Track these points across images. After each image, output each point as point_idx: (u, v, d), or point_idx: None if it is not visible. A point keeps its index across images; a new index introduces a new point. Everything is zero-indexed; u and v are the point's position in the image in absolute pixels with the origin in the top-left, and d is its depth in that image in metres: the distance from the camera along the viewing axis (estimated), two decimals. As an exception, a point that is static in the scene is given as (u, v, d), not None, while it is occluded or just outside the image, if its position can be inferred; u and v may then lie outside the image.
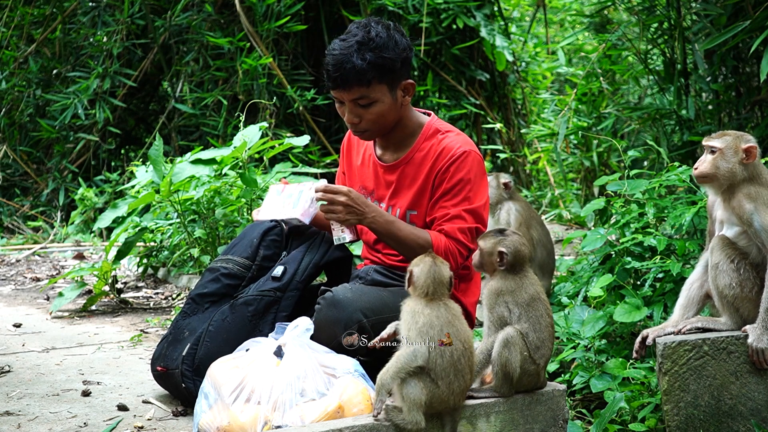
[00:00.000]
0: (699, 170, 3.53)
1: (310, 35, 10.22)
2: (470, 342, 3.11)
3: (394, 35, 3.85)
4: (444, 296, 3.13)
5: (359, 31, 3.82)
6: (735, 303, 3.47)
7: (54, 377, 4.36)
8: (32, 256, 8.55)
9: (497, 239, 3.32)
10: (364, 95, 3.81)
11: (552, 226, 7.97)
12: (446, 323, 3.06)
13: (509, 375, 3.22)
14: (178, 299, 6.31)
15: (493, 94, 10.96)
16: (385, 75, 3.82)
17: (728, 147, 3.49)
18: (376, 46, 3.79)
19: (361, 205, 3.80)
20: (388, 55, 3.81)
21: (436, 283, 3.13)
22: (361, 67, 3.76)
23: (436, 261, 3.17)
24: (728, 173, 3.48)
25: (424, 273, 3.13)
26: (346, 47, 3.78)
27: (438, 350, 3.02)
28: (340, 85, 3.80)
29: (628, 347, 4.09)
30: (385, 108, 3.86)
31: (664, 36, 7.04)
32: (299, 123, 9.80)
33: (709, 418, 3.41)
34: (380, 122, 3.89)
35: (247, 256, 4.05)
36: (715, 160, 3.49)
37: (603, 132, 7.97)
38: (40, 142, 10.78)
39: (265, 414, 3.21)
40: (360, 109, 3.84)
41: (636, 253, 4.54)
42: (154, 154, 6.12)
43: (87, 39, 10.57)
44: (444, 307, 3.10)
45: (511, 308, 3.25)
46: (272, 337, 3.52)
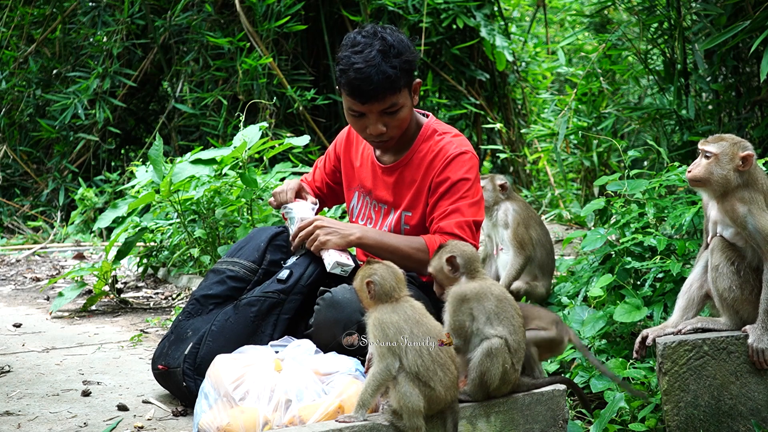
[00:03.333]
0: (692, 174, 3.47)
1: (310, 35, 10.23)
2: (441, 333, 3.12)
3: (403, 38, 3.85)
4: (406, 294, 3.16)
5: (373, 40, 3.78)
6: (735, 305, 3.47)
7: (54, 377, 4.36)
8: (32, 256, 8.55)
9: (440, 252, 3.30)
10: (394, 103, 3.80)
11: (552, 226, 7.96)
12: (415, 323, 3.07)
13: (486, 384, 3.20)
14: (178, 299, 6.31)
15: (493, 94, 10.96)
16: (409, 78, 3.83)
17: (724, 153, 3.42)
18: (398, 51, 3.78)
19: (336, 223, 3.86)
20: (409, 58, 3.81)
21: (399, 281, 3.16)
22: (395, 75, 3.74)
23: (386, 263, 3.21)
24: (722, 180, 3.42)
25: (386, 276, 3.15)
26: (371, 58, 3.73)
27: (416, 352, 3.02)
28: (374, 97, 3.76)
29: (628, 347, 4.09)
30: (408, 112, 3.88)
31: (664, 36, 7.04)
32: (299, 123, 9.81)
33: (709, 418, 3.41)
34: (403, 127, 3.90)
35: (254, 260, 4.04)
36: (710, 166, 3.43)
37: (603, 132, 7.97)
38: (40, 142, 10.79)
39: (265, 414, 3.22)
40: (387, 117, 3.83)
41: (636, 253, 4.54)
42: (154, 154, 6.11)
43: (87, 39, 10.58)
44: (409, 308, 3.12)
45: (476, 315, 3.18)
46: (272, 346, 3.54)
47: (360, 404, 3.05)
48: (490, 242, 5.55)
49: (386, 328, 3.05)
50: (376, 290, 3.13)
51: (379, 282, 3.13)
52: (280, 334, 3.78)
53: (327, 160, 4.34)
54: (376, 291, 3.13)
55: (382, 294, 3.13)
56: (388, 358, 3.03)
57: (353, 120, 3.90)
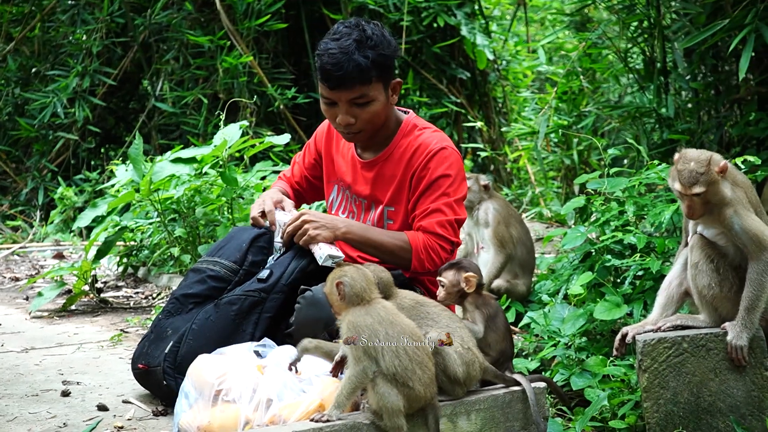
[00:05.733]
0: (694, 215, 3.47)
1: (291, 34, 10.21)
2: (416, 331, 3.12)
3: (385, 34, 3.85)
4: (377, 296, 3.16)
5: (353, 30, 3.79)
6: (714, 303, 3.49)
7: (33, 377, 4.33)
8: (11, 255, 8.50)
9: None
10: (364, 94, 3.80)
11: (532, 225, 7.98)
12: (389, 324, 3.07)
13: (454, 377, 3.22)
14: (159, 298, 6.29)
15: (473, 93, 10.98)
16: (383, 73, 3.83)
17: (706, 179, 3.37)
18: (374, 44, 3.78)
19: (323, 217, 3.85)
20: (385, 52, 3.81)
21: (369, 283, 3.16)
22: (365, 65, 3.75)
23: (356, 266, 3.22)
24: (720, 197, 3.41)
25: (356, 278, 3.14)
26: (345, 46, 3.75)
27: (393, 353, 3.02)
28: (342, 84, 3.76)
29: (609, 345, 4.10)
30: (379, 107, 3.86)
31: (644, 35, 7.07)
32: (280, 121, 9.80)
33: (689, 415, 3.43)
34: (374, 122, 3.88)
35: (235, 260, 4.03)
36: (702, 199, 3.41)
37: (583, 130, 8.00)
38: (19, 141, 10.71)
39: (246, 414, 3.21)
40: (356, 108, 3.83)
41: (616, 251, 4.56)
42: (134, 152, 6.09)
43: (66, 37, 10.52)
44: (381, 309, 3.12)
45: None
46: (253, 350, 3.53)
47: (335, 405, 3.05)
48: (470, 241, 5.57)
49: (360, 331, 3.05)
50: (346, 291, 3.12)
51: (350, 283, 3.12)
52: (262, 333, 3.77)
53: (306, 154, 4.33)
54: (346, 293, 3.12)
55: (352, 296, 3.12)
56: (365, 361, 3.03)
57: (325, 108, 3.91)
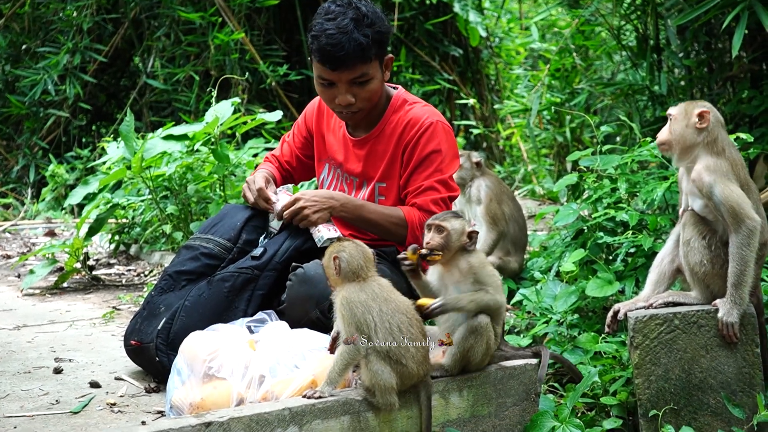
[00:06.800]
0: (658, 139, 3.62)
1: (283, 10, 10.16)
2: (410, 309, 3.12)
3: (377, 10, 3.83)
4: (374, 273, 3.16)
5: (347, 9, 3.76)
6: (705, 280, 3.50)
7: (25, 355, 4.33)
8: (3, 233, 8.48)
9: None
10: (364, 72, 3.79)
11: (525, 202, 7.99)
12: (383, 301, 3.08)
13: (468, 360, 3.24)
14: (151, 276, 6.28)
15: (466, 70, 10.95)
16: (381, 50, 3.82)
17: (680, 112, 3.56)
18: (371, 21, 3.76)
19: (321, 197, 3.84)
20: (382, 29, 3.80)
21: (367, 261, 3.15)
22: (366, 44, 3.73)
23: (357, 242, 3.20)
24: (680, 138, 3.53)
25: (354, 255, 3.13)
26: (343, 25, 3.72)
27: (386, 330, 3.02)
28: (343, 64, 3.74)
29: (600, 321, 4.12)
30: (378, 84, 3.86)
31: (637, 12, 7.05)
32: (272, 98, 9.77)
33: (680, 391, 3.44)
34: (373, 99, 3.88)
35: (229, 238, 4.01)
36: (670, 126, 3.57)
37: (576, 107, 7.99)
38: (9, 118, 10.65)
39: (239, 390, 3.21)
40: (356, 88, 3.81)
41: (608, 228, 4.56)
42: (126, 130, 6.06)
43: (56, 14, 10.44)
44: (377, 286, 3.12)
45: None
46: (247, 324, 3.53)
47: (327, 382, 3.06)
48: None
49: (354, 307, 3.05)
50: (343, 267, 3.11)
51: (347, 259, 3.12)
52: (254, 310, 3.77)
53: (296, 133, 4.31)
54: (342, 268, 3.11)
55: (348, 271, 3.11)
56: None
57: (322, 89, 3.88)
